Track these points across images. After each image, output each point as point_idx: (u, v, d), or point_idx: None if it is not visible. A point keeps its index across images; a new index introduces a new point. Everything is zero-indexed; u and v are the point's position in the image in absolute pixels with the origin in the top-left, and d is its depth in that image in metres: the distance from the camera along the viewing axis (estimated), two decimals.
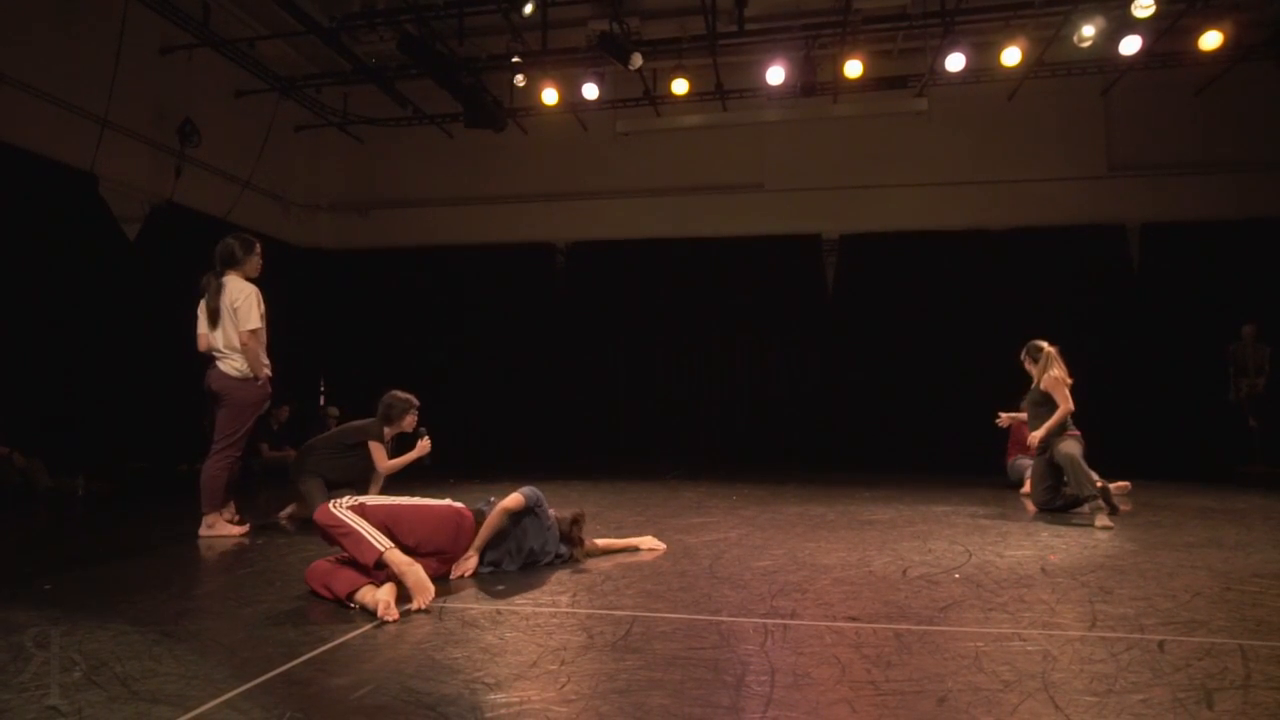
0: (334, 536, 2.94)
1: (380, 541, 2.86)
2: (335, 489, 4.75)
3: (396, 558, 2.84)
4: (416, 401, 5.23)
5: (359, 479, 5.09)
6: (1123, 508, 5.47)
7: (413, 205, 11.62)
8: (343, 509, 2.95)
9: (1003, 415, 6.15)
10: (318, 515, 2.99)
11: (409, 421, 5.18)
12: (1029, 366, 5.91)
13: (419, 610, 2.73)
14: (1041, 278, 9.96)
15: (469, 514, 3.43)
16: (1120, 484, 6.54)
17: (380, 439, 5.10)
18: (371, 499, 3.18)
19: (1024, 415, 5.90)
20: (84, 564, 3.75)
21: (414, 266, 11.43)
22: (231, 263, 4.69)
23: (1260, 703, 1.89)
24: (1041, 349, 5.67)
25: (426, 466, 8.28)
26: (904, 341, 10.15)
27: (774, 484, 7.19)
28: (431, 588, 2.80)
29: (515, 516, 3.48)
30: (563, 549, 3.65)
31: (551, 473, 8.11)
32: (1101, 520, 4.68)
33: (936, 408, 9.72)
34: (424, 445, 5.03)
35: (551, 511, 3.69)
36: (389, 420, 5.17)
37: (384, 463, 5.07)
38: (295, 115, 10.76)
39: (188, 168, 8.83)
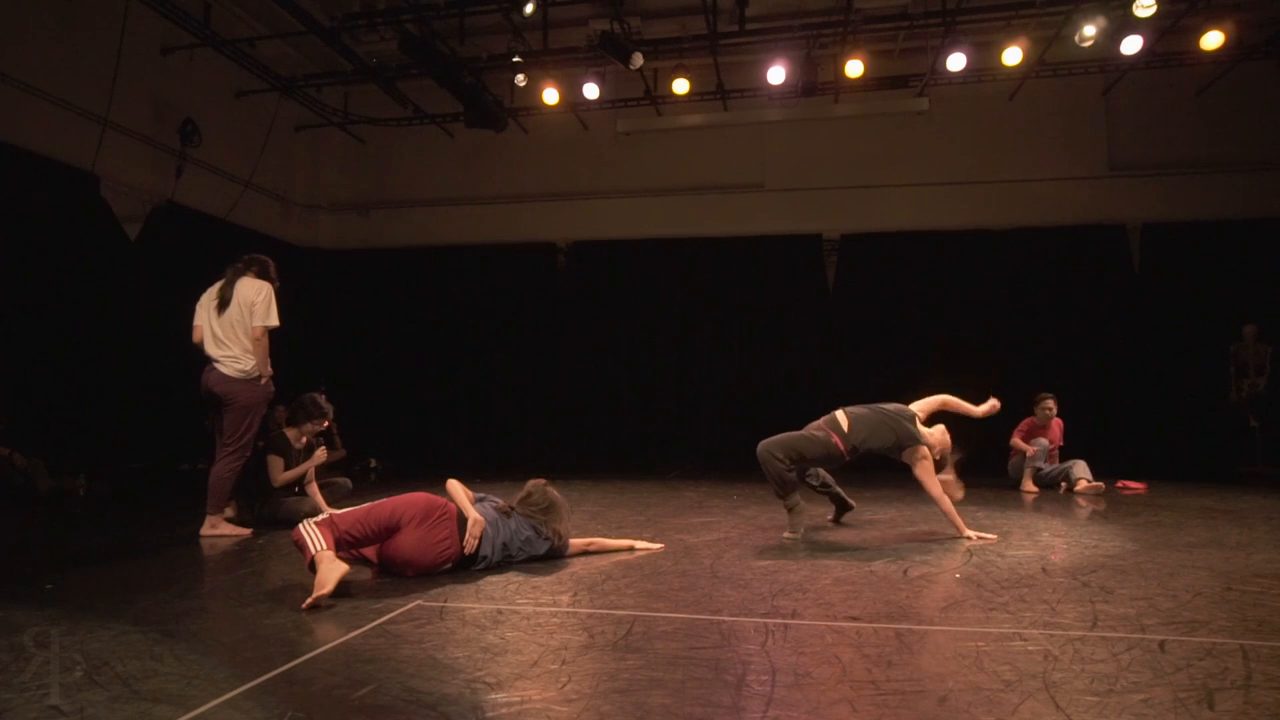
0: (298, 548, 3.09)
1: (316, 544, 3.00)
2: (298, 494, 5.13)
3: (323, 558, 2.97)
4: (329, 413, 5.24)
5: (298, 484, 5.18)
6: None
7: (413, 205, 11.63)
8: (308, 524, 3.10)
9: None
10: (293, 532, 3.14)
11: (309, 429, 5.16)
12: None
13: (311, 603, 2.80)
14: (1042, 278, 9.97)
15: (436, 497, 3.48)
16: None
17: (279, 450, 5.07)
18: (340, 512, 3.30)
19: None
20: (85, 564, 3.75)
21: (414, 266, 11.43)
22: (262, 272, 4.74)
23: (1261, 703, 1.89)
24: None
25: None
26: (905, 341, 10.14)
27: None
28: (327, 588, 2.84)
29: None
30: (541, 547, 3.66)
31: (552, 472, 8.10)
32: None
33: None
34: (319, 455, 5.15)
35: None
36: (295, 421, 5.17)
37: (277, 476, 5.01)
38: (296, 115, 10.76)
39: (189, 167, 8.83)
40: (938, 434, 4.57)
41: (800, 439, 4.49)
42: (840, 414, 4.58)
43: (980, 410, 4.68)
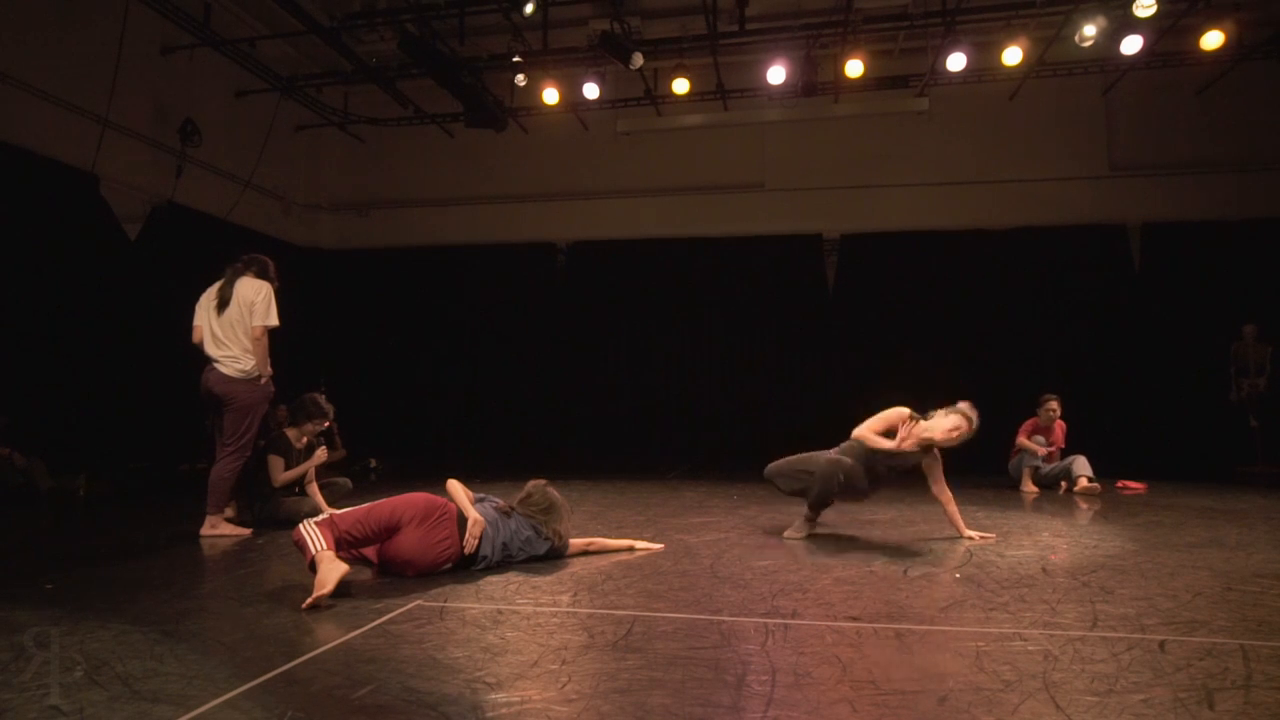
0: (298, 548, 3.10)
1: (316, 544, 3.01)
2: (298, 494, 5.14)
3: (323, 558, 2.98)
4: (329, 412, 5.25)
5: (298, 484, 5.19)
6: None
7: (413, 205, 11.63)
8: (308, 524, 3.11)
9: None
10: (293, 532, 3.15)
11: (309, 429, 5.18)
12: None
13: (311, 603, 2.79)
14: (1042, 277, 9.97)
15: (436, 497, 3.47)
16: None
17: (280, 450, 5.07)
18: (340, 512, 3.31)
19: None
20: (85, 564, 3.75)
21: (414, 266, 11.43)
22: (261, 272, 4.74)
23: (1261, 703, 1.89)
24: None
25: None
26: (905, 341, 10.14)
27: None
28: (327, 588, 2.83)
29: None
30: (541, 548, 3.66)
31: (552, 472, 8.10)
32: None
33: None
34: (320, 454, 5.16)
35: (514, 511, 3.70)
36: (295, 421, 5.18)
37: (277, 476, 5.01)
38: (296, 115, 10.76)
39: (189, 167, 8.84)
40: (950, 421, 4.33)
41: (857, 471, 4.27)
42: (834, 453, 4.41)
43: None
